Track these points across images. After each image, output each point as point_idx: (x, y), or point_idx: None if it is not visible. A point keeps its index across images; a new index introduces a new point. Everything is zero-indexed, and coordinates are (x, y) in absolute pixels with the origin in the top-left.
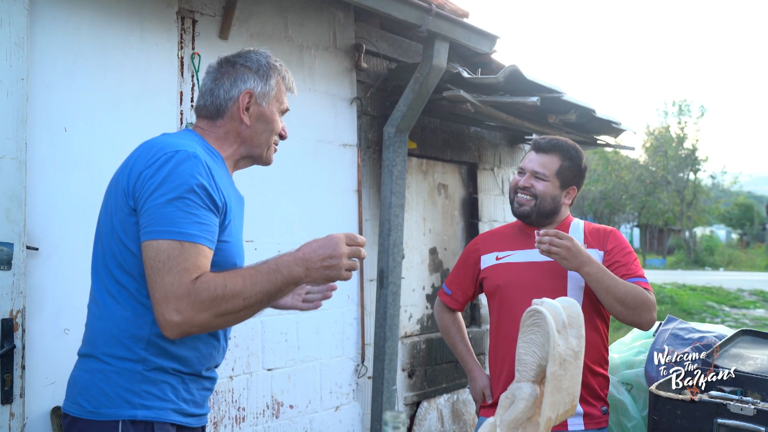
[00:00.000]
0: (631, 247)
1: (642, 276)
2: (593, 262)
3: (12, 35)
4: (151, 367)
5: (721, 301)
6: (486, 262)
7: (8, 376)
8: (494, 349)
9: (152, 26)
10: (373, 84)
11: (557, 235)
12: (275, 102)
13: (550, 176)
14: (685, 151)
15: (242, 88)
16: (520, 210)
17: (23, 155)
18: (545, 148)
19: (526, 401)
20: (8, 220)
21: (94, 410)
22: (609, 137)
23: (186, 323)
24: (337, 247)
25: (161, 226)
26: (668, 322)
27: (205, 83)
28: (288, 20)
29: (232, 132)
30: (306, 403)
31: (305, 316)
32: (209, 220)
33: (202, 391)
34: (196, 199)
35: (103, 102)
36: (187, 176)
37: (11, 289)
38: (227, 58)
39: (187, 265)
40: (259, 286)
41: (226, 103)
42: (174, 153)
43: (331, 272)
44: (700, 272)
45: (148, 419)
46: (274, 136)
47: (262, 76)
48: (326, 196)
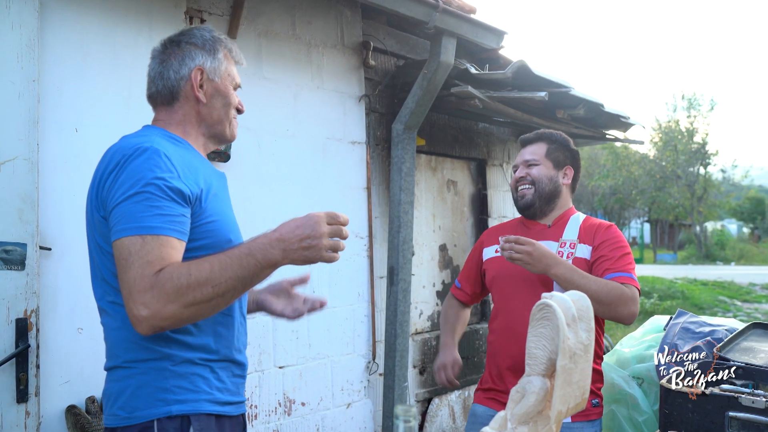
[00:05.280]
0: (631, 242)
1: (627, 271)
2: (561, 264)
3: (23, 37)
4: (178, 361)
5: (733, 296)
6: (487, 255)
7: (23, 375)
8: (490, 342)
9: (161, 26)
10: (381, 81)
11: (518, 240)
12: (227, 76)
13: (541, 159)
14: (695, 145)
15: (191, 66)
16: (523, 201)
17: (35, 156)
18: (530, 140)
19: (536, 395)
20: (21, 220)
21: (129, 415)
22: (618, 132)
23: (154, 317)
24: (316, 227)
25: (123, 224)
26: (679, 316)
27: (153, 68)
28: (296, 18)
29: (190, 113)
30: (318, 401)
31: (316, 313)
32: (174, 210)
33: (233, 378)
34: (155, 191)
35: (113, 102)
36: (143, 170)
37: (25, 289)
38: (171, 38)
39: (149, 258)
40: (230, 272)
41: (179, 84)
42: (129, 151)
43: (310, 253)
44: (711, 267)
45: (183, 413)
46: (231, 110)
47: (209, 50)
48: (335, 193)
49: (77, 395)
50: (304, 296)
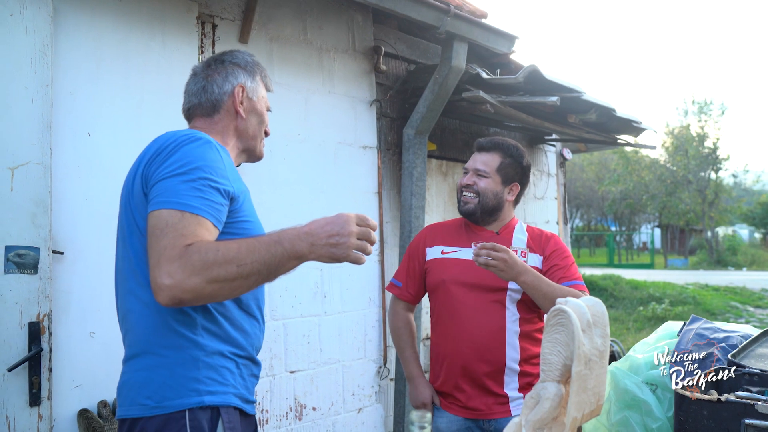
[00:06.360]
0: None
1: (579, 279)
2: (529, 271)
3: (36, 42)
4: (210, 351)
5: (745, 302)
6: (431, 255)
7: (36, 378)
8: (435, 344)
9: (173, 31)
10: (392, 86)
11: (494, 248)
12: (262, 98)
13: (491, 173)
14: (706, 150)
15: (234, 83)
16: (465, 208)
17: (48, 160)
18: (486, 147)
19: (551, 401)
20: (34, 224)
21: (158, 404)
22: (629, 136)
23: (176, 287)
24: (346, 225)
25: (165, 197)
26: (692, 321)
27: (196, 83)
28: (307, 23)
29: (229, 126)
30: (329, 405)
31: (327, 318)
32: (215, 198)
33: (251, 378)
34: (202, 175)
35: (126, 107)
36: (195, 155)
37: (38, 293)
38: (215, 57)
39: (184, 232)
40: (257, 255)
41: (222, 98)
42: (185, 137)
43: (337, 250)
44: (722, 272)
45: (214, 404)
46: (263, 129)
47: (250, 72)
48: (346, 198)
49: (89, 399)
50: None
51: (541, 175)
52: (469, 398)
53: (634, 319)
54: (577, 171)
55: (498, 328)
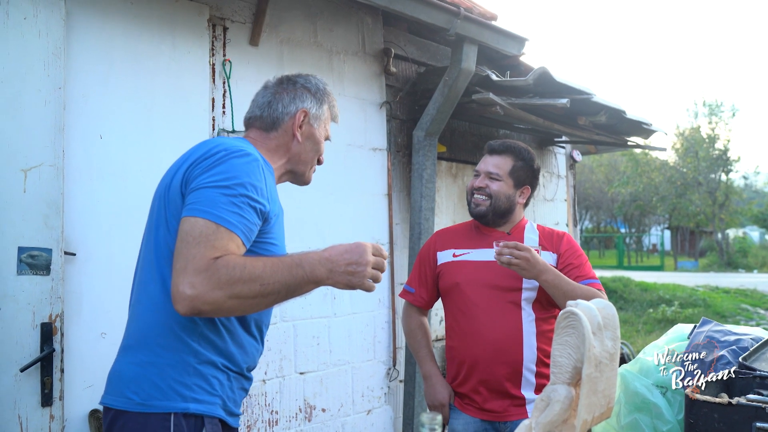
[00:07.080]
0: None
1: (594, 277)
2: (550, 270)
3: (49, 45)
4: (203, 360)
5: (756, 304)
6: (442, 258)
7: (48, 379)
8: (451, 347)
9: (184, 34)
10: (402, 88)
11: (517, 247)
12: (323, 127)
13: (504, 176)
14: (716, 152)
15: (299, 106)
16: (477, 210)
17: (60, 162)
18: (498, 150)
19: (561, 403)
20: (47, 226)
21: (144, 402)
22: (639, 138)
23: (198, 298)
24: (363, 255)
25: (204, 206)
26: (703, 324)
27: (264, 96)
28: (317, 26)
29: (282, 146)
30: (338, 407)
31: (337, 319)
32: (250, 216)
33: (240, 391)
34: (243, 192)
35: (137, 109)
36: (240, 171)
37: (50, 294)
38: (288, 77)
39: (216, 245)
40: (279, 275)
41: (283, 117)
42: (234, 150)
43: (354, 278)
44: (733, 274)
45: (199, 413)
46: (317, 157)
47: (318, 99)
48: (356, 200)
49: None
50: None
51: (551, 176)
52: (485, 400)
53: (643, 322)
54: (587, 173)
55: (515, 328)
